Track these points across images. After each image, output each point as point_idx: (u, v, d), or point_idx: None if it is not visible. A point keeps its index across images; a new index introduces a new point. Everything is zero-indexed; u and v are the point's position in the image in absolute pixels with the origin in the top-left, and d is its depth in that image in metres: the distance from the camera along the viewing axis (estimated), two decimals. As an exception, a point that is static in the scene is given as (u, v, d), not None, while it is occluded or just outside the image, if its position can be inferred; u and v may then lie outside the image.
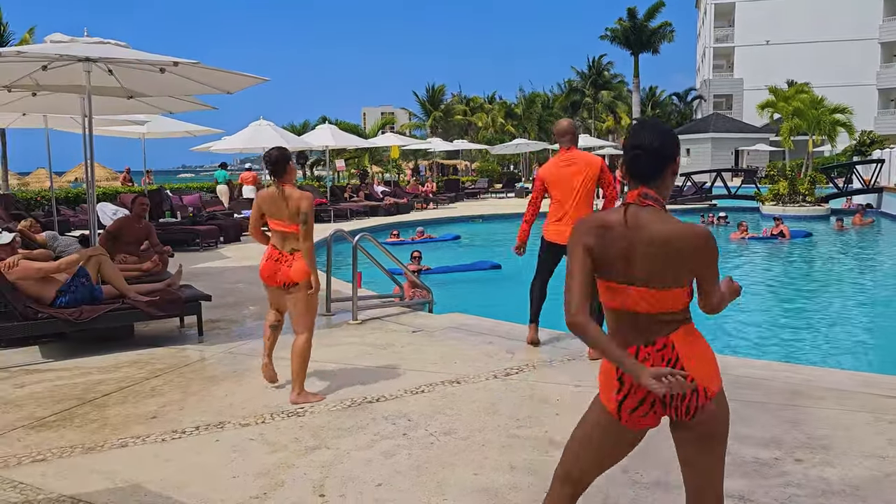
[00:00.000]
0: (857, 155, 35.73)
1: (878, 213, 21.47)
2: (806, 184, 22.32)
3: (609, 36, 51.08)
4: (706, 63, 58.94)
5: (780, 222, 16.28)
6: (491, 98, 60.97)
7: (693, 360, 2.14)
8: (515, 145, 37.30)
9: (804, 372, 5.40)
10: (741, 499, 3.31)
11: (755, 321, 8.88)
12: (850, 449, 3.86)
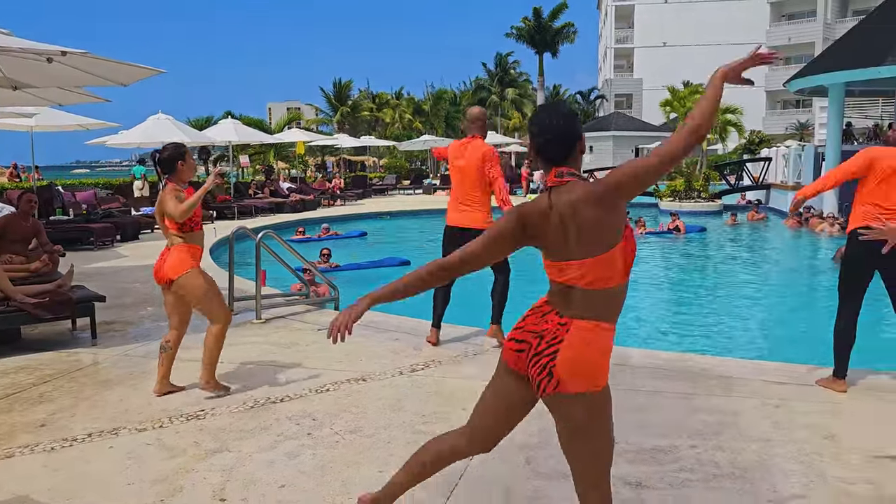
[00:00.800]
0: (747, 153, 37.76)
1: (767, 208, 22.70)
2: (701, 181, 23.37)
3: (514, 34, 51.98)
4: (607, 63, 60.85)
5: (677, 217, 16.97)
6: (398, 94, 60.88)
7: (569, 351, 2.20)
8: (423, 141, 37.37)
9: (698, 361, 5.64)
10: (638, 485, 3.42)
11: (653, 313, 9.22)
12: (739, 434, 4.06)
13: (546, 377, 2.22)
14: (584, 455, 2.31)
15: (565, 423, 2.29)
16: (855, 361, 5.13)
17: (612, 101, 56.77)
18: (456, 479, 3.48)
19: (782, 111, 55.02)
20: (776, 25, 55.60)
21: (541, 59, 52.97)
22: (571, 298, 2.25)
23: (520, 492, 3.38)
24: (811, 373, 5.19)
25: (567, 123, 2.28)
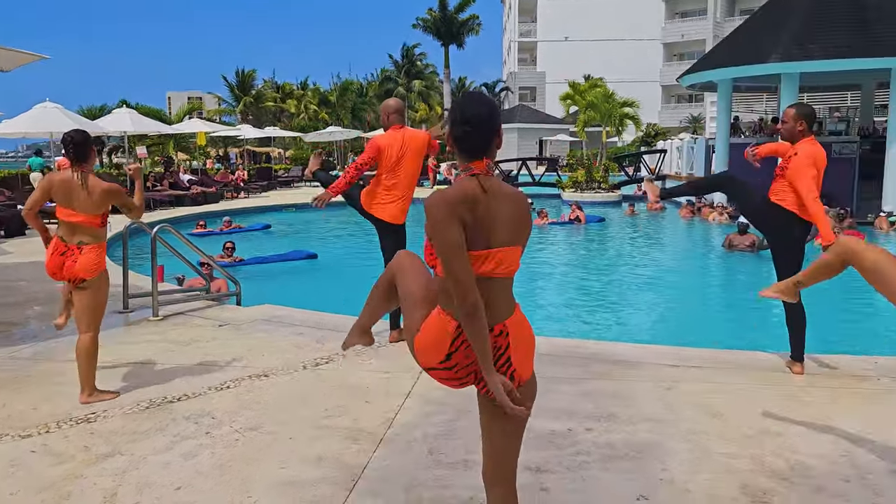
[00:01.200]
0: (644, 145, 39.19)
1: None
2: (601, 172, 24.12)
3: (420, 25, 51.96)
4: (512, 56, 61.75)
5: (577, 208, 17.45)
6: (304, 84, 59.80)
7: (518, 351, 2.25)
8: (329, 133, 36.94)
9: (594, 346, 5.84)
10: (537, 470, 3.51)
11: (553, 300, 9.47)
12: (633, 415, 4.23)
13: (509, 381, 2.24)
14: (514, 436, 2.37)
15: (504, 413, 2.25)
16: (744, 343, 5.45)
17: (517, 94, 57.71)
18: (359, 472, 3.48)
19: (676, 105, 57.39)
20: (670, 23, 57.89)
21: (446, 51, 53.19)
22: (497, 296, 2.24)
23: (422, 481, 3.41)
24: (701, 355, 5.46)
25: (491, 114, 2.25)
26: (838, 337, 6.32)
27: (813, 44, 15.75)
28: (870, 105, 20.54)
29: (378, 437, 3.89)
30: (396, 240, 5.68)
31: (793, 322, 5.08)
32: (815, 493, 3.28)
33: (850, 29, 15.69)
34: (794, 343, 5.09)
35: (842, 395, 4.54)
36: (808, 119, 4.95)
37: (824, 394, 4.58)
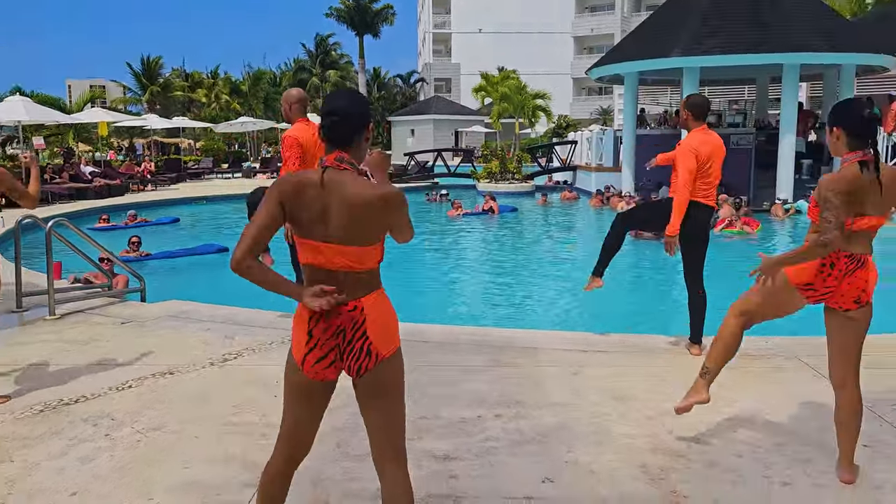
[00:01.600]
0: (556, 137, 40.00)
1: (574, 188, 24.17)
2: (514, 163, 24.47)
3: (334, 15, 51.32)
4: (427, 47, 61.78)
5: (491, 199, 17.66)
6: (214, 73, 58.09)
7: (376, 325, 2.32)
8: (241, 123, 36.04)
9: (504, 334, 5.93)
10: (445, 458, 3.55)
11: (467, 289, 9.57)
12: (541, 401, 4.33)
13: (366, 357, 2.32)
14: (387, 419, 2.42)
15: (377, 391, 2.38)
16: (649, 328, 5.65)
17: (432, 85, 57.77)
18: (265, 468, 3.42)
19: (587, 97, 58.76)
20: (580, 17, 59.19)
21: (361, 40, 52.74)
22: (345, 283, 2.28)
23: (330, 474, 3.39)
24: (606, 339, 5.64)
25: (356, 108, 2.31)
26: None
27: (711, 40, 16.41)
28: (764, 98, 21.60)
29: (287, 432, 3.83)
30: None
31: (695, 306, 5.30)
32: (709, 469, 3.44)
33: (746, 26, 16.44)
34: (694, 326, 5.31)
35: (736, 375, 4.76)
36: (693, 109, 5.15)
37: (721, 373, 4.79)
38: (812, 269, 3.11)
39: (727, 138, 18.56)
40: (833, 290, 3.11)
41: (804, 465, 3.48)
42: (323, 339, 2.30)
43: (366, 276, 2.32)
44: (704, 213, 5.18)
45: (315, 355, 2.33)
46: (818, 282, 3.12)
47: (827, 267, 3.09)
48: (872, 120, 3.03)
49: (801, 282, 3.15)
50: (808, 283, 3.13)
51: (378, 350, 2.33)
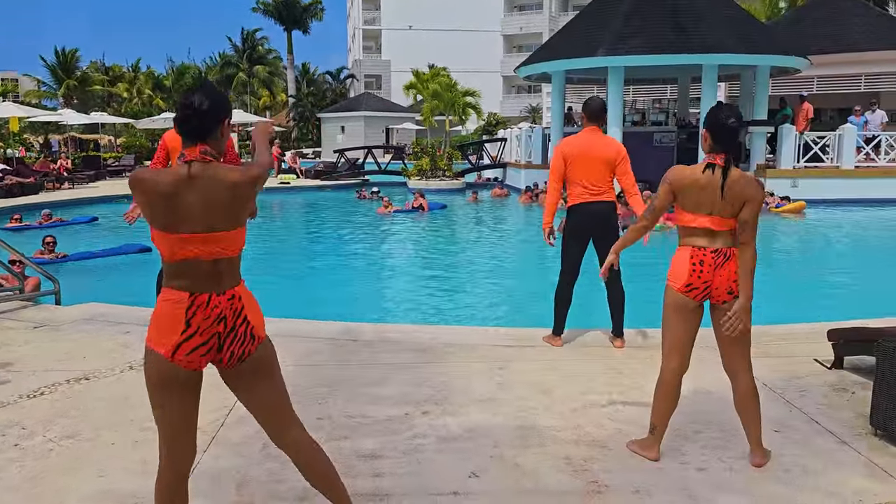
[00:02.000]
0: (486, 134, 40.30)
1: (505, 185, 24.42)
2: (445, 160, 24.55)
3: (261, 9, 50.40)
4: (356, 44, 61.34)
5: (420, 196, 17.67)
6: (135, 67, 56.29)
7: (252, 310, 2.47)
8: (164, 119, 34.95)
9: (435, 331, 5.95)
10: (372, 457, 3.54)
11: (397, 287, 9.56)
12: (468, 397, 4.36)
13: (250, 341, 2.44)
14: (277, 390, 2.57)
15: (262, 369, 2.50)
16: (575, 322, 5.74)
17: (363, 82, 57.38)
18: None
19: (517, 95, 59.43)
20: (509, 15, 59.79)
21: (289, 35, 51.97)
22: (223, 271, 2.39)
23: (255, 476, 3.34)
24: (534, 334, 5.71)
25: (211, 103, 2.37)
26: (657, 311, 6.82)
27: (634, 40, 16.84)
28: (686, 98, 22.29)
29: (210, 435, 3.75)
30: None
31: (613, 300, 5.44)
32: (630, 458, 3.54)
33: (667, 28, 16.94)
34: (615, 320, 5.45)
35: (655, 365, 4.89)
36: (586, 110, 5.31)
37: (641, 365, 4.94)
38: (686, 270, 3.29)
39: (650, 136, 19.13)
40: (710, 283, 3.29)
41: (719, 451, 3.61)
42: (204, 327, 2.36)
43: (236, 261, 2.43)
44: (597, 210, 5.27)
45: (193, 343, 2.36)
46: (694, 279, 3.29)
47: (697, 265, 3.28)
48: (733, 128, 3.26)
49: (682, 285, 3.31)
50: (688, 284, 3.30)
51: (258, 333, 2.47)
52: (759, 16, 31.93)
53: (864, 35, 23.73)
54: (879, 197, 17.92)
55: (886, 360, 3.67)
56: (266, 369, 2.52)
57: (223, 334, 2.39)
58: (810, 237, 14.19)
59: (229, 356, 2.43)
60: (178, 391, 2.43)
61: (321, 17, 51.70)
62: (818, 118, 23.95)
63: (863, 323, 5.63)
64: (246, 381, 2.51)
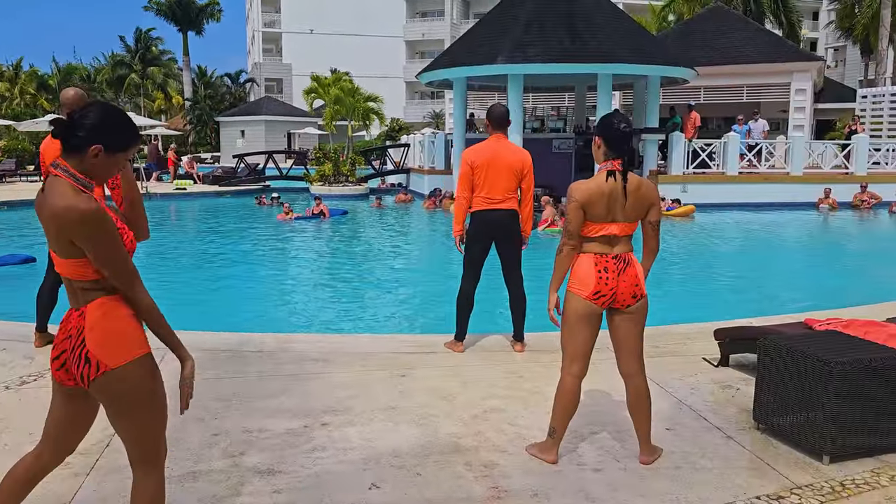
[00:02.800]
0: (389, 140, 40.27)
1: (409, 190, 24.45)
2: (347, 165, 24.34)
3: (154, 8, 48.58)
4: (256, 46, 59.97)
5: (320, 202, 17.43)
6: (17, 66, 53.05)
7: (96, 331, 2.23)
8: (48, 121, 33.06)
9: (336, 339, 5.87)
10: (270, 472, 3.43)
11: (296, 295, 9.35)
12: (369, 406, 4.30)
13: (85, 365, 2.24)
14: (130, 430, 2.35)
15: (116, 402, 2.30)
16: (478, 327, 5.79)
17: (263, 86, 56.16)
18: (67, 502, 3.14)
19: (420, 101, 59.63)
20: (412, 21, 59.96)
21: (185, 36, 50.32)
22: (75, 289, 2.28)
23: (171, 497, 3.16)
24: (436, 340, 5.71)
25: (91, 121, 2.21)
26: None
27: (533, 48, 17.21)
28: (583, 106, 22.97)
29: (92, 460, 3.54)
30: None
31: (515, 305, 5.51)
32: (529, 461, 3.58)
33: (564, 38, 17.40)
34: (516, 324, 5.52)
35: (556, 369, 4.98)
36: (490, 118, 5.36)
37: (542, 368, 5.02)
38: (593, 278, 3.36)
39: (550, 143, 19.59)
40: (615, 290, 3.37)
41: (615, 451, 3.70)
42: (57, 342, 2.33)
43: (88, 285, 2.26)
44: (498, 217, 5.32)
45: (52, 356, 2.36)
46: (602, 286, 3.36)
47: (603, 272, 3.36)
48: (626, 133, 3.36)
49: (590, 293, 3.38)
50: (596, 291, 3.37)
51: (99, 359, 2.22)
52: (650, 28, 33.38)
53: (746, 48, 25.22)
54: (761, 201, 19.04)
55: (767, 358, 3.87)
56: (112, 405, 2.29)
57: (68, 352, 2.29)
58: (698, 240, 14.90)
59: (79, 377, 2.27)
60: (60, 400, 2.42)
61: (219, 18, 50.37)
62: (705, 126, 25.27)
63: (747, 322, 5.95)
64: (103, 405, 2.34)
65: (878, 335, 4.29)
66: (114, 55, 55.84)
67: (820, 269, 11.39)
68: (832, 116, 31.52)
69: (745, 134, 21.16)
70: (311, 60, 49.74)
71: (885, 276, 10.50)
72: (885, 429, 3.60)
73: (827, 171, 20.63)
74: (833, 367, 3.47)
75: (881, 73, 32.60)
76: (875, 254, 12.72)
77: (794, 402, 3.69)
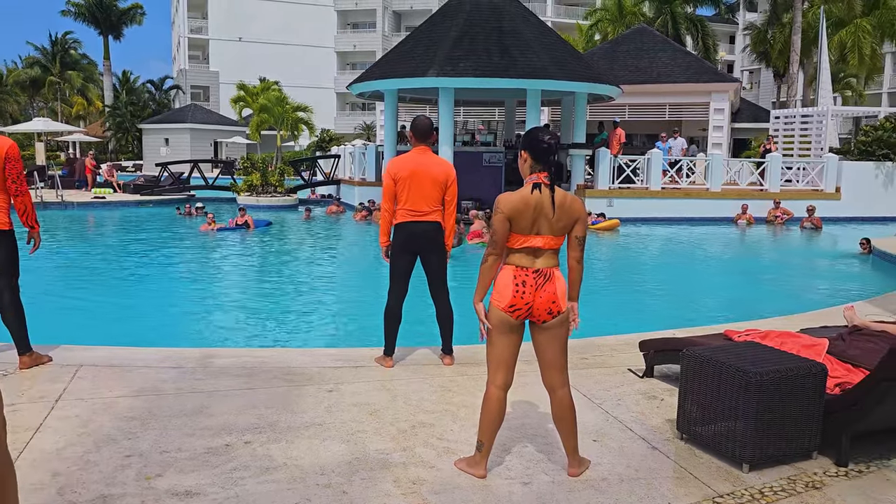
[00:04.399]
0: (319, 150, 39.88)
1: (341, 202, 24.19)
2: (276, 176, 23.95)
3: (72, 12, 46.90)
4: (182, 53, 58.57)
5: (244, 212, 17.05)
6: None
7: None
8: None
9: (258, 354, 5.70)
10: (188, 494, 3.28)
11: (220, 309, 9.07)
12: (294, 422, 4.18)
13: None
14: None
15: None
16: (407, 340, 5.73)
17: (189, 93, 54.85)
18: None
19: (351, 112, 59.36)
20: (343, 33, 59.72)
21: (106, 40, 48.71)
22: None
23: (48, 528, 2.98)
24: (365, 354, 5.63)
25: None
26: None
27: (464, 63, 17.35)
28: (512, 120, 23.28)
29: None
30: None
31: (442, 318, 5.48)
32: (457, 477, 3.53)
33: (494, 52, 17.61)
34: (444, 337, 5.49)
35: (483, 381, 4.98)
36: (414, 130, 5.33)
37: (470, 381, 5.00)
38: (510, 291, 3.37)
39: (480, 156, 19.76)
40: (531, 304, 3.39)
41: (542, 463, 3.70)
42: None
43: None
44: (422, 229, 5.28)
45: None
46: (517, 300, 3.37)
47: (520, 285, 3.37)
48: (551, 146, 3.39)
49: (506, 305, 3.39)
50: (511, 304, 3.38)
51: None
52: (578, 46, 34.18)
53: (668, 69, 26.10)
54: (682, 216, 19.67)
55: (690, 369, 3.95)
56: None
57: None
58: (623, 253, 15.25)
59: None
60: None
61: (141, 22, 48.94)
62: (630, 143, 25.96)
63: (671, 333, 6.09)
64: None
65: (793, 346, 4.45)
66: (29, 57, 53.57)
67: (738, 282, 11.81)
68: (748, 135, 32.95)
69: (666, 151, 21.85)
70: (240, 69, 48.96)
71: (798, 289, 10.97)
72: (800, 436, 3.72)
73: (743, 188, 21.48)
74: (751, 377, 3.56)
75: (792, 95, 34.24)
76: (788, 267, 13.28)
77: (715, 412, 3.78)
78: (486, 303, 3.50)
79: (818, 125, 25.07)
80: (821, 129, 24.93)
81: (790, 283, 11.51)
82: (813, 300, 9.47)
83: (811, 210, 19.23)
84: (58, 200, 22.07)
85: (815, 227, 18.81)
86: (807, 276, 12.37)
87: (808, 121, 25.56)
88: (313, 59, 57.04)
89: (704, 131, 27.16)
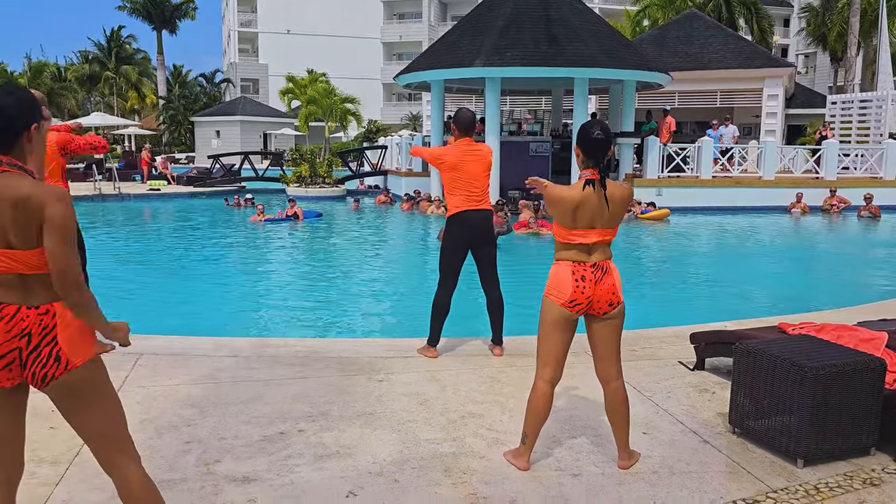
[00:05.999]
0: (366, 141, 40.18)
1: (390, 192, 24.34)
2: (324, 167, 24.23)
3: (128, 7, 48.04)
4: (232, 46, 59.54)
5: (294, 203, 17.31)
6: (-16, 63, 52.11)
7: (67, 333, 2.27)
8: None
9: (310, 344, 5.81)
10: (244, 481, 3.38)
11: (271, 299, 9.26)
12: (346, 411, 4.27)
13: (53, 364, 2.25)
14: (102, 421, 2.38)
15: (74, 398, 2.32)
16: (458, 330, 5.78)
17: (239, 86, 55.78)
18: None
19: (398, 102, 59.58)
20: (389, 23, 59.91)
21: (159, 35, 49.83)
22: (32, 285, 2.24)
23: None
24: (414, 344, 5.68)
25: (9, 110, 2.22)
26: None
27: (510, 52, 17.27)
28: (559, 109, 23.10)
29: (65, 465, 3.47)
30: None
31: (493, 308, 5.50)
32: (507, 468, 3.57)
33: (541, 41, 17.48)
34: (495, 328, 5.51)
35: (533, 373, 4.99)
36: (457, 123, 5.35)
37: (519, 373, 5.02)
38: (570, 286, 3.36)
39: (527, 146, 19.67)
40: (592, 298, 3.38)
41: (592, 455, 3.71)
42: (2, 341, 2.21)
43: (47, 277, 2.24)
44: (477, 218, 5.32)
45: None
46: (578, 295, 3.36)
47: (580, 280, 3.36)
48: (600, 140, 3.36)
49: (566, 301, 3.38)
50: (572, 300, 3.37)
51: (70, 358, 2.27)
52: (625, 33, 33.65)
53: (719, 54, 25.52)
54: (734, 205, 19.26)
55: (743, 362, 3.90)
56: (78, 400, 2.32)
57: (25, 350, 2.23)
58: (674, 243, 15.03)
59: (31, 376, 2.26)
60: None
61: (194, 17, 49.92)
62: (680, 131, 25.51)
63: (722, 326, 6.00)
64: (60, 406, 2.35)
65: (850, 339, 4.35)
66: (84, 52, 55.07)
67: (793, 273, 11.55)
68: (803, 122, 32.04)
69: (717, 139, 21.42)
70: (288, 61, 49.50)
71: (855, 280, 10.67)
72: (857, 432, 3.65)
73: (798, 176, 20.93)
74: (807, 371, 3.51)
75: (850, 79, 33.20)
76: (845, 257, 12.92)
77: (768, 406, 3.73)
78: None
79: (877, 110, 24.26)
80: (880, 115, 24.13)
81: (847, 275, 11.20)
82: (871, 292, 9.20)
83: (869, 198, 18.63)
84: (115, 192, 22.73)
85: (873, 215, 18.24)
86: (864, 267, 12.02)
87: (867, 106, 24.75)
88: (360, 50, 57.36)
89: (757, 118, 26.52)
